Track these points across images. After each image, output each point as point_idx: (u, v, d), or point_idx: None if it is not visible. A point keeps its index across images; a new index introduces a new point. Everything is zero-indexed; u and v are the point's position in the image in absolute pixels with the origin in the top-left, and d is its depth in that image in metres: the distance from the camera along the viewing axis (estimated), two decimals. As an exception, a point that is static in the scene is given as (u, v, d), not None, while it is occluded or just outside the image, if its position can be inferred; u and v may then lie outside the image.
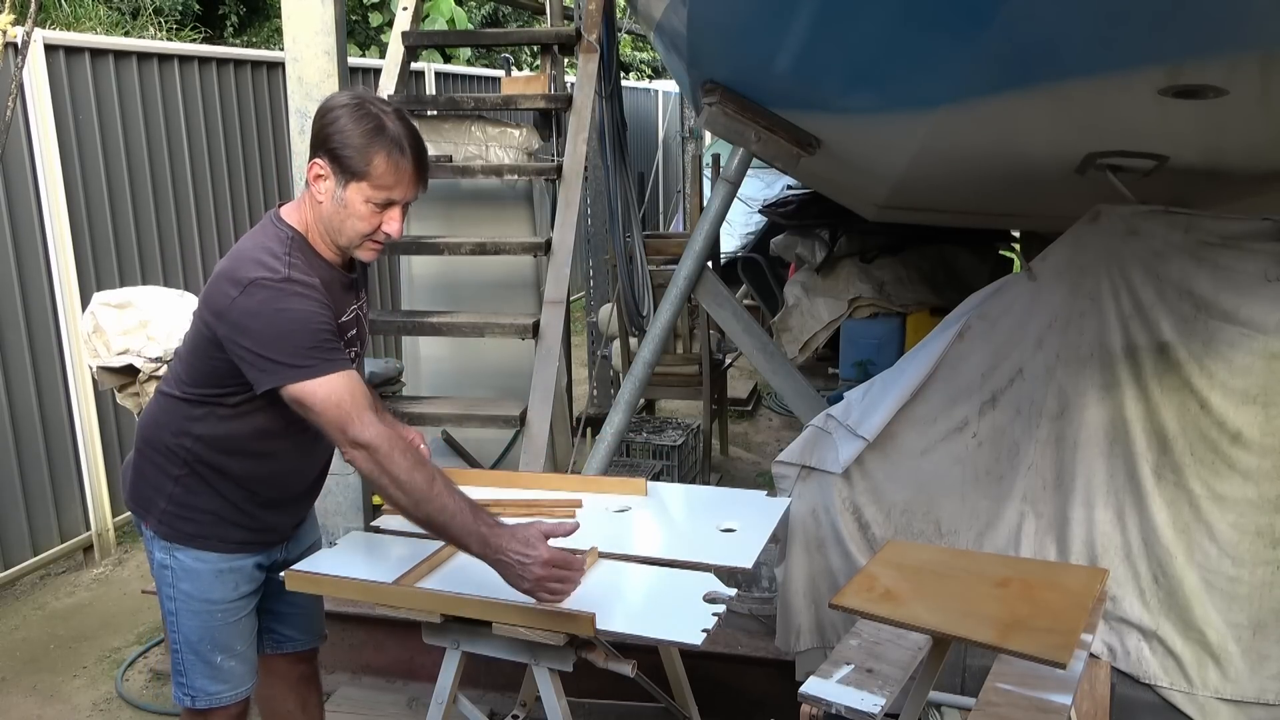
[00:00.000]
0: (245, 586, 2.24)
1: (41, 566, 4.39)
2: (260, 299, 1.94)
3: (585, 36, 4.06)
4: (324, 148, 1.99)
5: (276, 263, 1.98)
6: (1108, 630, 2.47)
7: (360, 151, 1.96)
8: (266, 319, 1.94)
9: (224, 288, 1.99)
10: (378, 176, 1.98)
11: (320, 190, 2.02)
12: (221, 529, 2.18)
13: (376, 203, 2.00)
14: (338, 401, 1.93)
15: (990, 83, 2.37)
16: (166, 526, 2.18)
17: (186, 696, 2.25)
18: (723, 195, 3.42)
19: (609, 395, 5.73)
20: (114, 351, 3.34)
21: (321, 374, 1.93)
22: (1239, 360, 2.36)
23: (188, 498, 2.15)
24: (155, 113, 4.89)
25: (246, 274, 1.97)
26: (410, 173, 2.01)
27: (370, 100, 2.01)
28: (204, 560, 2.18)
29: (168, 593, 2.22)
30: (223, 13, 11.48)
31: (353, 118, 1.97)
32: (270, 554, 2.29)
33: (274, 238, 2.04)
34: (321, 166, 2.00)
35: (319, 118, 2.01)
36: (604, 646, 2.06)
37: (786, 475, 2.85)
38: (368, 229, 2.04)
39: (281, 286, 1.95)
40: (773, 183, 8.32)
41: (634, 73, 18.48)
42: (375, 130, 1.97)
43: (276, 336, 1.93)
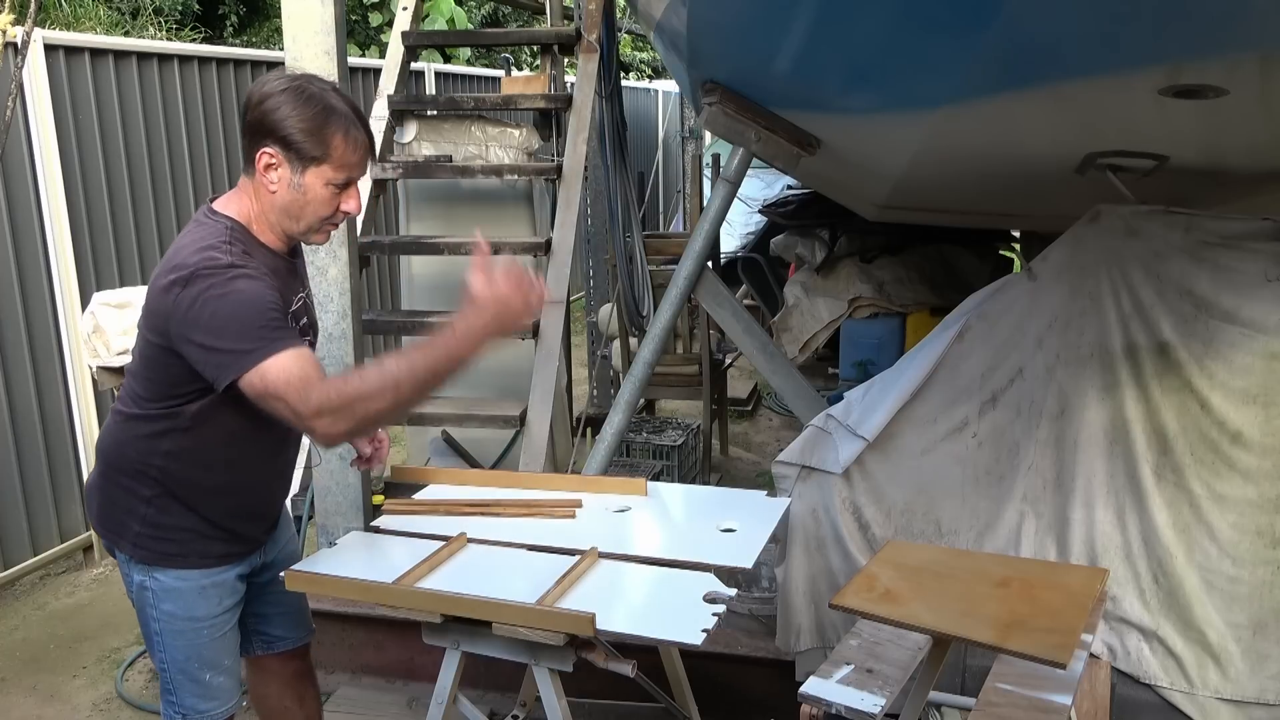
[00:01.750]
0: (228, 600, 2.18)
1: (41, 566, 4.39)
2: (202, 287, 1.86)
3: (585, 36, 4.07)
4: (272, 136, 1.92)
5: (216, 252, 1.91)
6: (1108, 630, 2.47)
7: (315, 135, 1.92)
8: (212, 307, 1.85)
9: (165, 287, 1.90)
10: (338, 157, 1.94)
11: (272, 179, 1.96)
12: (200, 544, 2.11)
13: (337, 183, 1.97)
14: (287, 381, 1.83)
15: (990, 83, 2.37)
16: (143, 550, 2.10)
17: (179, 715, 2.19)
18: (723, 195, 3.42)
19: (609, 395, 5.73)
20: (114, 351, 3.34)
21: (271, 354, 1.84)
22: (1239, 360, 2.36)
23: (162, 518, 2.08)
24: (155, 113, 4.89)
25: (184, 267, 1.89)
26: (366, 146, 1.98)
27: (308, 80, 1.97)
28: (185, 579, 2.11)
29: (150, 614, 2.14)
30: (223, 13, 11.48)
31: (298, 102, 1.92)
32: (249, 561, 2.23)
33: (211, 232, 1.97)
34: (273, 155, 1.94)
35: (256, 106, 1.93)
36: (604, 646, 2.06)
37: (786, 475, 2.85)
38: (328, 212, 2.00)
39: (223, 272, 1.87)
40: (773, 183, 8.32)
41: (634, 73, 18.48)
42: (325, 111, 1.93)
43: (224, 322, 1.85)
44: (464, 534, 2.37)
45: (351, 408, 1.84)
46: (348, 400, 1.84)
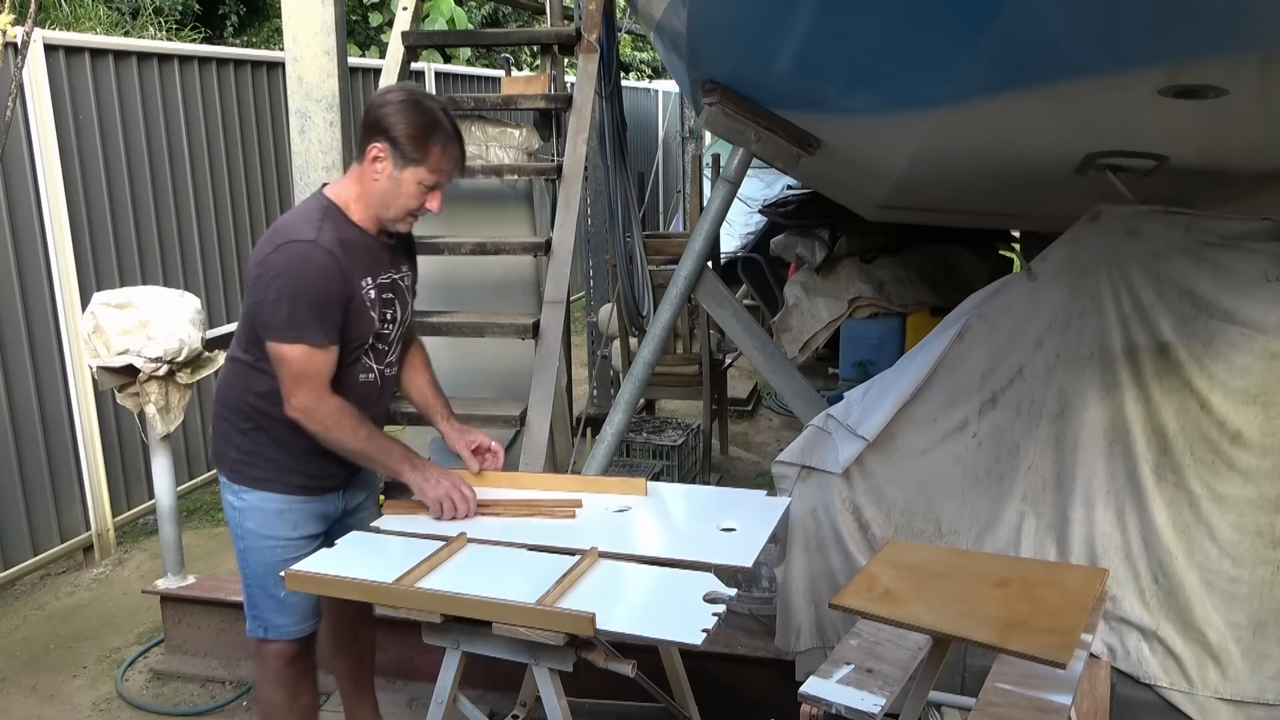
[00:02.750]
0: (304, 528, 2.48)
1: (41, 566, 4.39)
2: (285, 257, 2.25)
3: (585, 36, 4.06)
4: (385, 134, 2.27)
5: (308, 227, 2.28)
6: (1108, 630, 2.47)
7: (420, 141, 2.27)
8: (286, 278, 2.24)
9: (262, 247, 2.31)
10: (434, 163, 2.30)
11: (377, 170, 2.31)
12: (283, 474, 2.44)
13: (428, 184, 2.33)
14: (302, 371, 2.27)
15: (990, 83, 2.37)
16: (235, 472, 2.46)
17: (259, 628, 2.52)
18: (723, 195, 3.42)
19: (609, 395, 5.73)
20: (114, 351, 3.34)
21: (303, 343, 2.26)
22: (1239, 360, 2.36)
23: (253, 447, 2.44)
24: (155, 113, 4.89)
25: (281, 234, 2.29)
26: (457, 159, 2.35)
27: (422, 95, 2.36)
28: (268, 500, 2.44)
29: (237, 532, 2.49)
30: (223, 13, 11.48)
31: (413, 111, 2.28)
32: (327, 501, 2.54)
33: (311, 208, 2.36)
34: (380, 150, 2.28)
35: (377, 108, 2.30)
36: (604, 646, 2.06)
37: (786, 475, 2.85)
38: (415, 206, 2.36)
39: (306, 250, 2.24)
40: (773, 183, 8.32)
41: (634, 73, 18.49)
42: (433, 124, 2.29)
43: (290, 297, 2.24)
44: (464, 534, 2.37)
45: (323, 434, 2.34)
46: (325, 427, 2.33)
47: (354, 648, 2.83)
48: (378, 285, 2.41)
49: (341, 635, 2.81)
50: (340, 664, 2.86)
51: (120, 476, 4.77)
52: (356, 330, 2.37)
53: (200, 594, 3.63)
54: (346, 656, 2.84)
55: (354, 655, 2.84)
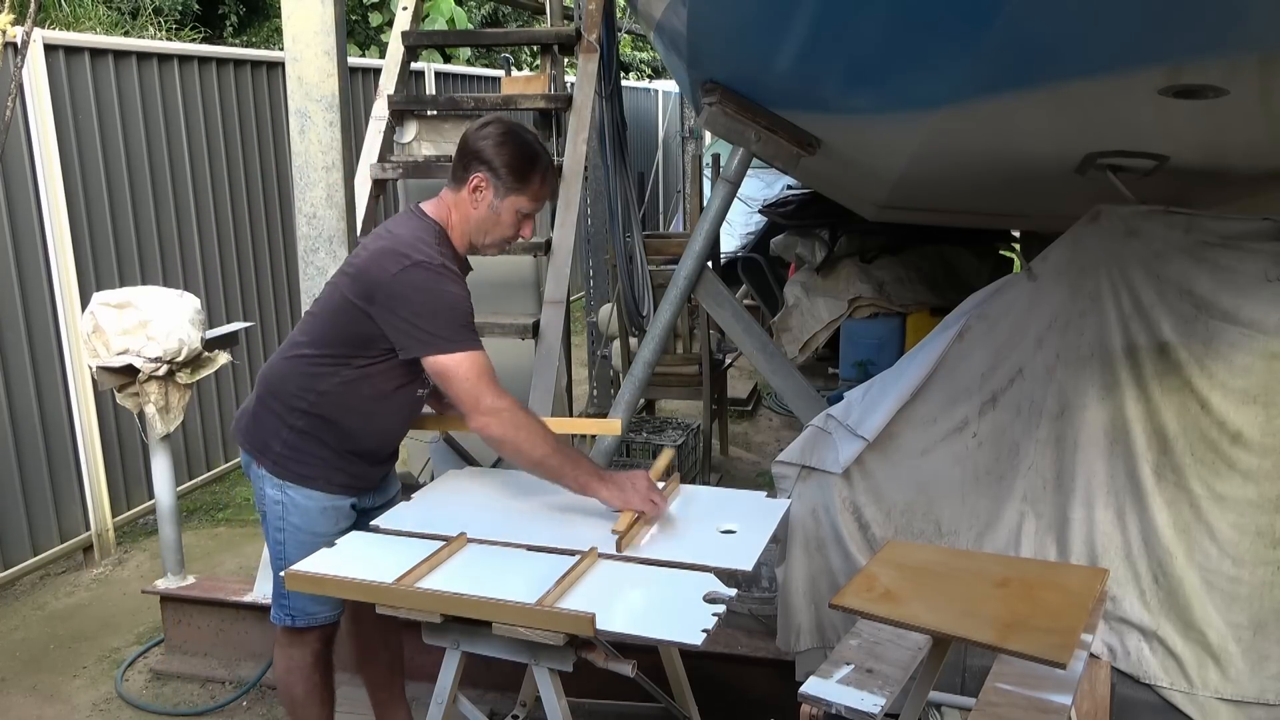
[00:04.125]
0: (343, 523, 2.54)
1: (41, 566, 4.39)
2: (422, 277, 2.28)
3: (585, 36, 4.06)
4: (487, 165, 2.35)
5: (432, 251, 2.32)
6: (1108, 630, 2.47)
7: (522, 173, 2.36)
8: (426, 295, 2.28)
9: (385, 263, 2.30)
10: (534, 192, 2.39)
11: (478, 199, 2.38)
12: (328, 472, 2.47)
13: (525, 213, 2.41)
14: (479, 373, 2.29)
15: (990, 83, 2.37)
16: (280, 467, 2.47)
17: (288, 616, 2.56)
18: (723, 195, 3.42)
19: (609, 395, 5.73)
20: (114, 351, 3.34)
21: (466, 349, 2.29)
22: (1239, 360, 2.36)
23: (301, 443, 2.45)
24: (155, 113, 4.89)
25: (408, 255, 2.29)
26: (554, 188, 2.44)
27: (519, 126, 2.43)
28: (312, 498, 2.47)
29: (277, 525, 2.50)
30: (222, 13, 11.48)
31: (514, 142, 2.36)
32: (361, 499, 2.58)
33: (427, 229, 2.39)
34: (482, 180, 2.36)
35: (478, 139, 2.38)
36: (604, 646, 2.06)
37: (786, 475, 2.85)
38: (512, 234, 2.45)
39: (440, 270, 2.30)
40: (773, 183, 8.32)
41: (634, 73, 18.49)
42: (534, 155, 2.39)
43: (434, 312, 2.28)
44: (464, 534, 2.37)
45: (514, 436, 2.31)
46: (515, 427, 2.31)
47: (383, 655, 2.82)
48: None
49: (370, 643, 2.80)
50: (370, 671, 2.85)
51: (120, 476, 4.77)
52: None
53: (200, 594, 3.63)
54: (375, 663, 2.83)
55: (383, 662, 2.83)
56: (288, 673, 2.63)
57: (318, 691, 2.65)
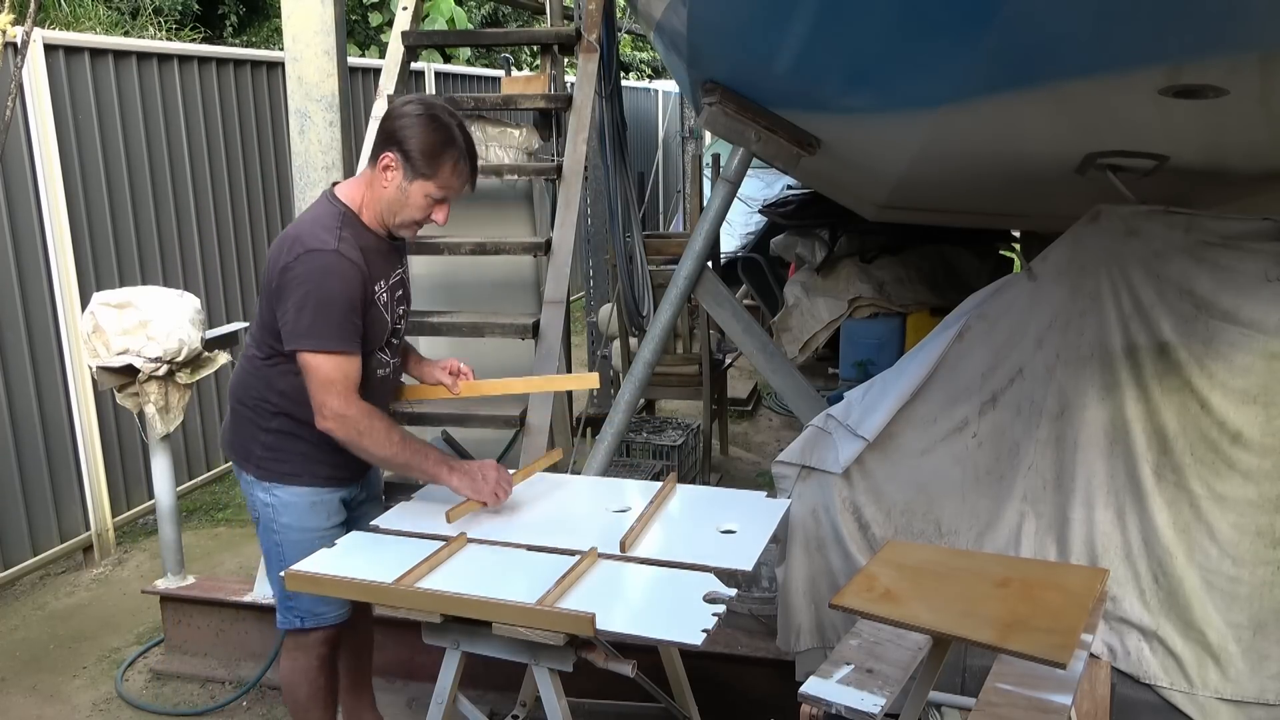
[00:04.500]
0: (335, 517, 2.56)
1: (41, 566, 4.39)
2: (309, 267, 2.27)
3: (585, 36, 4.06)
4: (398, 145, 2.31)
5: (329, 236, 2.31)
6: (1108, 630, 2.47)
7: (431, 157, 2.30)
8: (307, 287, 2.27)
9: (282, 252, 2.33)
10: (443, 179, 2.34)
11: (387, 179, 2.34)
12: (311, 466, 2.49)
13: (435, 198, 2.37)
14: (332, 379, 2.30)
15: (990, 83, 2.37)
16: (264, 469, 2.50)
17: (296, 619, 2.57)
18: (723, 195, 3.42)
19: (609, 395, 5.73)
20: (114, 351, 3.34)
21: (328, 351, 2.29)
22: (1239, 360, 2.36)
23: (279, 443, 2.48)
24: (155, 113, 4.89)
25: (303, 242, 2.30)
26: (466, 176, 2.38)
27: (440, 110, 2.35)
28: (299, 495, 2.49)
29: (271, 527, 2.53)
30: (222, 13, 11.48)
31: (428, 125, 2.30)
32: (350, 490, 2.61)
33: (329, 214, 2.38)
34: (392, 160, 2.32)
35: (393, 119, 2.33)
36: (604, 646, 2.06)
37: (786, 475, 2.85)
38: (420, 217, 2.40)
39: (329, 260, 2.28)
40: (773, 183, 8.32)
41: (634, 73, 18.49)
42: (447, 140, 2.32)
43: (309, 306, 2.27)
44: (464, 534, 2.37)
45: (357, 440, 2.34)
46: (357, 433, 2.33)
47: (351, 641, 2.84)
48: (390, 286, 2.47)
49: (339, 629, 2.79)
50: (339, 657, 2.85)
51: (120, 476, 4.77)
52: (372, 333, 2.42)
53: (200, 594, 3.63)
54: (345, 649, 2.84)
55: (351, 648, 2.85)
56: (292, 675, 2.65)
57: (321, 695, 2.66)
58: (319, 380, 2.30)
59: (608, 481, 2.97)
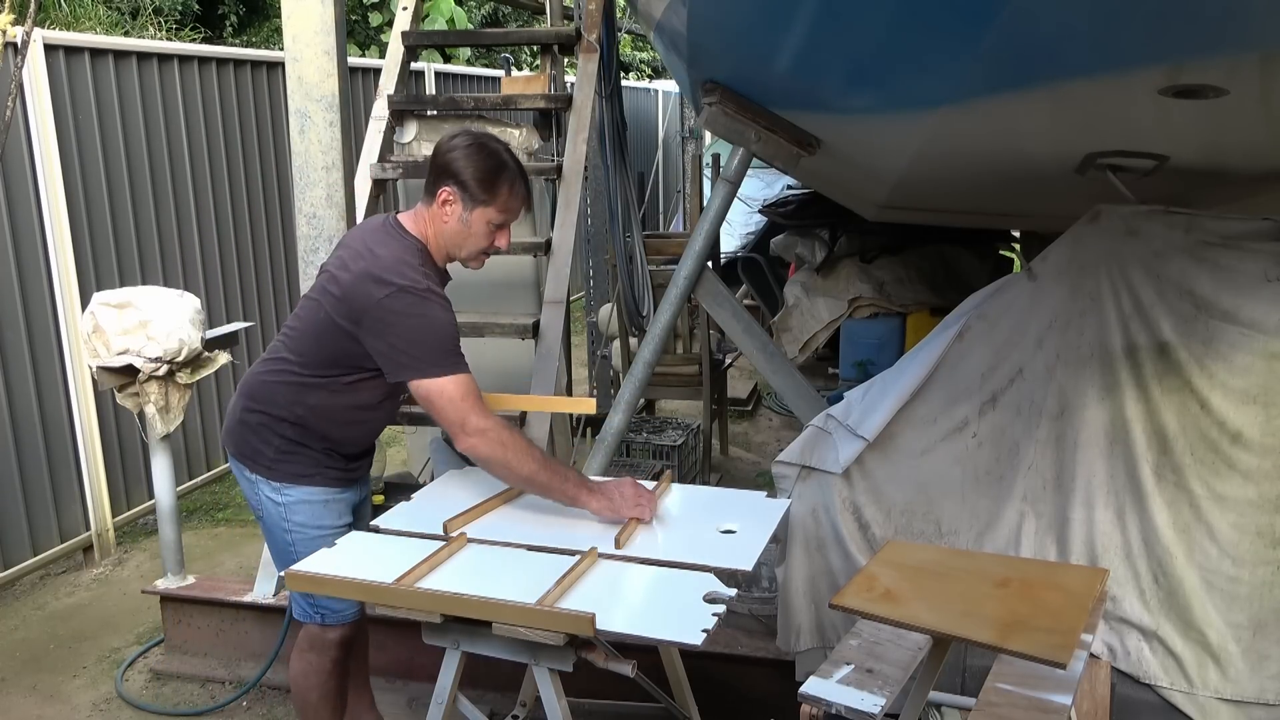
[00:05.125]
0: (346, 517, 2.62)
1: (41, 566, 4.39)
2: (407, 303, 2.30)
3: (585, 36, 4.06)
4: (454, 178, 2.36)
5: (416, 274, 2.34)
6: (1108, 630, 2.47)
7: (488, 183, 2.36)
8: (412, 322, 2.30)
9: (368, 288, 2.31)
10: (502, 202, 2.39)
11: (448, 214, 2.39)
12: (322, 469, 2.54)
13: (496, 224, 2.41)
14: (464, 396, 2.32)
15: (990, 83, 2.37)
16: (275, 470, 2.52)
17: (317, 614, 2.61)
18: (723, 195, 3.42)
19: (609, 395, 5.73)
20: (114, 351, 3.34)
21: (451, 373, 2.32)
22: (1239, 360, 2.36)
23: (293, 447, 2.51)
24: (155, 113, 4.89)
25: (392, 279, 2.31)
26: (523, 197, 2.44)
27: (486, 138, 2.42)
28: (313, 495, 2.53)
29: (283, 525, 2.55)
30: (222, 13, 11.48)
31: (480, 154, 2.36)
32: (355, 492, 2.66)
33: (409, 249, 2.40)
34: (450, 194, 2.37)
35: (443, 154, 2.39)
36: (604, 646, 2.06)
37: (786, 475, 2.85)
38: (486, 245, 2.45)
39: (425, 295, 2.32)
40: (773, 183, 8.32)
41: (634, 73, 18.49)
42: (500, 166, 2.37)
43: (419, 338, 2.31)
44: (464, 534, 2.37)
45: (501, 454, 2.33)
46: (502, 446, 2.33)
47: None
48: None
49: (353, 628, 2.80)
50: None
51: (120, 476, 4.77)
52: None
53: (200, 594, 3.63)
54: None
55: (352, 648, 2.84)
56: (304, 676, 2.66)
57: (331, 698, 2.68)
58: (451, 403, 2.31)
59: (608, 481, 2.97)
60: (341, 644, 2.65)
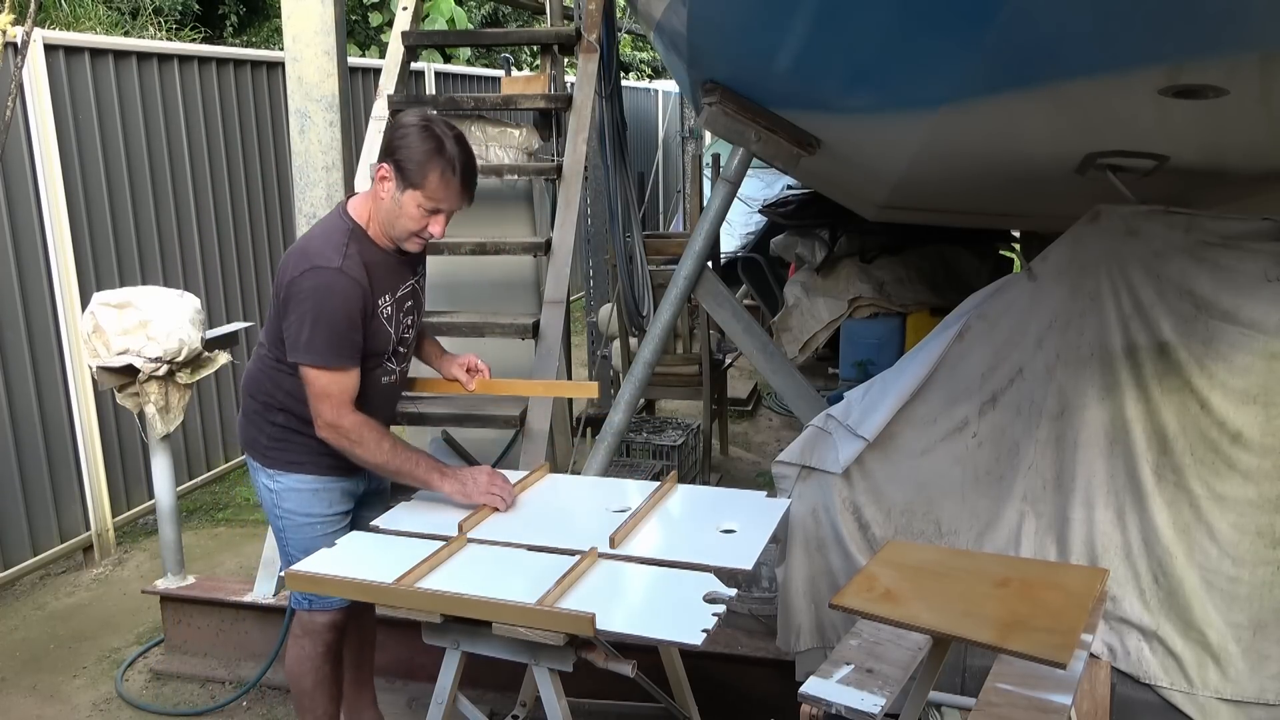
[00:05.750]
0: (337, 505, 2.63)
1: (41, 566, 4.39)
2: (313, 283, 2.36)
3: (585, 36, 4.06)
4: (391, 156, 2.37)
5: (334, 254, 2.38)
6: (1108, 630, 2.47)
7: (420, 166, 2.34)
8: (312, 304, 2.35)
9: (290, 265, 2.41)
10: (431, 189, 2.36)
11: (383, 190, 2.40)
12: (314, 457, 2.55)
13: (426, 209, 2.39)
14: (327, 392, 2.39)
15: (990, 83, 2.37)
16: (269, 457, 2.58)
17: (304, 600, 2.64)
18: (723, 195, 3.42)
19: (609, 395, 5.73)
20: (114, 351, 3.34)
21: (329, 367, 2.38)
22: (1239, 360, 2.36)
23: (284, 435, 2.56)
24: (155, 113, 4.89)
25: (309, 259, 2.38)
26: (457, 188, 2.40)
27: (436, 123, 2.40)
28: (302, 482, 2.57)
29: (276, 513, 2.62)
30: (222, 13, 11.48)
31: (419, 136, 2.35)
32: (356, 481, 2.66)
33: (337, 229, 2.45)
34: (387, 170, 2.38)
35: (392, 130, 2.41)
36: (604, 646, 2.06)
37: (786, 475, 2.85)
38: (416, 228, 2.43)
39: (332, 278, 2.35)
40: (773, 183, 8.32)
41: (634, 73, 18.49)
42: (435, 150, 2.34)
43: (313, 321, 2.35)
44: (464, 534, 2.37)
45: (350, 448, 2.44)
46: (350, 442, 2.43)
47: (355, 638, 2.87)
48: (397, 299, 2.53)
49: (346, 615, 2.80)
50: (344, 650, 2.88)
51: (120, 476, 4.77)
52: (374, 345, 2.48)
53: (200, 594, 3.63)
54: (349, 645, 2.87)
55: (354, 643, 2.88)
56: (298, 663, 2.70)
57: (326, 685, 2.71)
58: (315, 392, 2.40)
59: (608, 481, 2.97)
60: (333, 628, 2.67)
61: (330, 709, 2.73)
